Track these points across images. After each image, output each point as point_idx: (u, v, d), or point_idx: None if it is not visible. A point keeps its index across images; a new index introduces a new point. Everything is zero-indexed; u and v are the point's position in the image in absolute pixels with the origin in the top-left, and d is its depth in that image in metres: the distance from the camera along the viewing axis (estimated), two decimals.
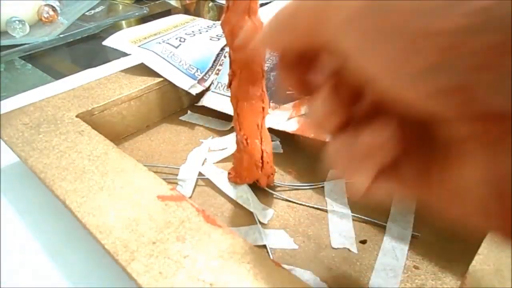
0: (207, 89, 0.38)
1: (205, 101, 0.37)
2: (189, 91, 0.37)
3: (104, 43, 0.41)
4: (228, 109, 0.35)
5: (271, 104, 0.33)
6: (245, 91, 0.25)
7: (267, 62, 0.36)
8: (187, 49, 0.39)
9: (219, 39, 0.40)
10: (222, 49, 0.39)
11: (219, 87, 0.37)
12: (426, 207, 0.11)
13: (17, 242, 0.27)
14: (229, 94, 0.26)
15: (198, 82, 0.38)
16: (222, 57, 0.39)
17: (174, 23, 0.45)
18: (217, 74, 0.38)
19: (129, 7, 0.73)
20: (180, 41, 0.40)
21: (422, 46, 0.09)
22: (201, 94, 0.38)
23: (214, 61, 0.39)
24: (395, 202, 0.28)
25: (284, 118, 0.32)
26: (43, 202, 0.30)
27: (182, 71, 0.37)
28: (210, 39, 0.40)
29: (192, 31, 0.42)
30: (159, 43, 0.40)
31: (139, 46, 0.39)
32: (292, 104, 0.32)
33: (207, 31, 0.42)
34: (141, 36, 0.41)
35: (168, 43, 0.39)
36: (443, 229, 0.26)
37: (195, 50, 0.39)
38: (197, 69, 0.38)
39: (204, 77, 0.38)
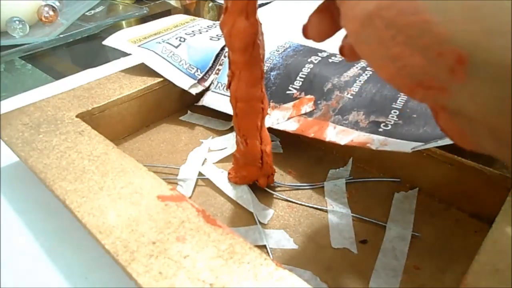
0: (207, 89, 0.38)
1: (205, 101, 0.37)
2: (189, 90, 0.37)
3: (104, 42, 0.41)
4: (229, 109, 0.35)
5: (271, 104, 0.33)
6: (244, 92, 0.25)
7: (266, 62, 0.36)
8: (187, 48, 0.39)
9: (219, 39, 0.40)
10: (222, 48, 0.39)
11: (219, 87, 0.37)
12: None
13: (17, 242, 0.27)
14: (229, 94, 0.26)
15: (198, 82, 0.38)
16: (222, 57, 0.39)
17: (174, 23, 0.45)
18: (217, 74, 0.38)
19: (129, 7, 0.73)
20: (180, 40, 0.40)
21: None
22: (201, 94, 0.38)
23: (214, 61, 0.39)
24: (395, 202, 0.28)
25: (284, 117, 0.32)
26: (43, 202, 0.30)
27: (182, 71, 0.37)
28: (210, 39, 0.40)
29: (192, 31, 0.42)
30: (159, 42, 0.40)
31: (139, 46, 0.39)
32: (292, 104, 0.32)
33: (207, 31, 0.42)
34: (141, 36, 0.41)
35: (168, 43, 0.39)
36: (443, 229, 0.26)
37: (195, 50, 0.39)
38: (197, 68, 0.38)
39: (204, 77, 0.38)
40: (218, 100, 0.36)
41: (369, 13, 0.14)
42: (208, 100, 0.37)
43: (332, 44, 0.22)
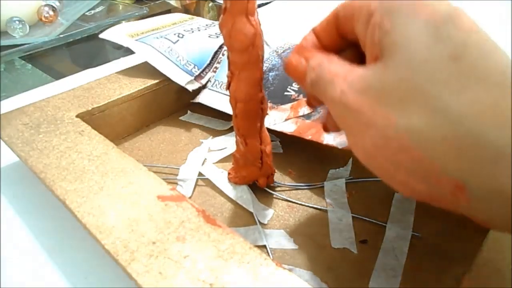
0: (204, 86, 0.38)
1: (201, 98, 0.37)
2: (186, 87, 0.36)
3: (101, 35, 0.40)
4: (225, 107, 0.35)
5: (269, 104, 0.33)
6: (244, 93, 0.24)
7: (265, 62, 0.36)
8: (185, 45, 0.39)
9: (217, 37, 0.40)
10: (221, 46, 0.39)
11: (216, 85, 0.37)
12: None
13: (17, 242, 0.27)
14: (226, 92, 0.26)
15: (195, 79, 0.37)
16: (220, 55, 0.39)
17: (173, 21, 0.45)
18: (215, 71, 0.38)
19: (129, 7, 0.73)
20: (178, 36, 0.40)
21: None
22: (199, 92, 0.38)
23: (212, 58, 0.39)
24: (395, 202, 0.28)
25: (281, 119, 0.32)
26: (43, 202, 0.30)
27: (179, 67, 0.37)
28: (209, 36, 0.40)
29: (191, 28, 0.42)
30: (157, 38, 0.39)
31: (136, 40, 0.39)
32: (290, 105, 0.32)
33: (205, 29, 0.42)
34: (139, 31, 0.41)
35: (166, 38, 0.39)
36: (443, 229, 0.26)
37: (193, 46, 0.39)
38: (195, 65, 0.38)
39: (201, 74, 0.38)
40: (215, 98, 0.36)
41: (369, 152, 0.15)
42: (204, 98, 0.37)
43: None
